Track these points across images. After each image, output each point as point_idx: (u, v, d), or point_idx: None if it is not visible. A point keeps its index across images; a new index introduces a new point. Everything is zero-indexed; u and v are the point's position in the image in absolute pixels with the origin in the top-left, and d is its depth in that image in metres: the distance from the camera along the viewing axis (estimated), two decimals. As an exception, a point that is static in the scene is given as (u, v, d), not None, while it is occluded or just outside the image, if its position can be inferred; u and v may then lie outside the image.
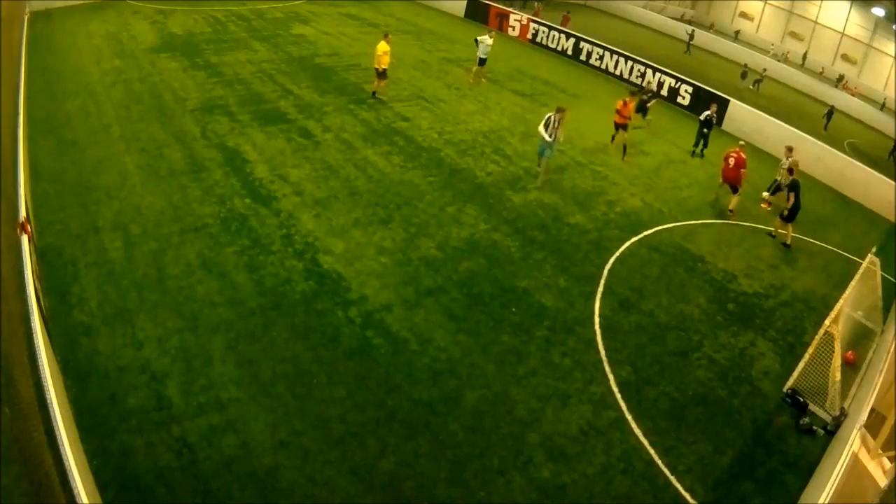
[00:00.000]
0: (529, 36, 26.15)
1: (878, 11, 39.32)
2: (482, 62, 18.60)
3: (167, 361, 6.93)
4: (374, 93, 16.10)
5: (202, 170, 11.11)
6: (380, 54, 15.35)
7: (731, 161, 13.24)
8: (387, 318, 8.27)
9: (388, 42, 15.50)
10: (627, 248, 11.19)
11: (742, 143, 14.46)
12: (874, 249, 10.34)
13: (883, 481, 5.97)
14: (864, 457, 6.31)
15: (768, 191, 14.66)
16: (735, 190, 13.45)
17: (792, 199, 12.14)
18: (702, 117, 16.42)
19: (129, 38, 17.77)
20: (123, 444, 5.90)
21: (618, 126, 15.23)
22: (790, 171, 13.08)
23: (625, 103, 14.92)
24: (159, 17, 20.28)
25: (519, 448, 6.71)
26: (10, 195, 7.28)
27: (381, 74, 15.79)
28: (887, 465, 6.21)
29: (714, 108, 16.58)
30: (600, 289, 9.77)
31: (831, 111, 27.67)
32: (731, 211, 13.51)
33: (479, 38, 18.53)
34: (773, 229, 13.07)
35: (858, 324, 9.58)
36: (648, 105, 17.73)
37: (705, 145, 16.56)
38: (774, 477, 7.08)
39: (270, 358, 7.23)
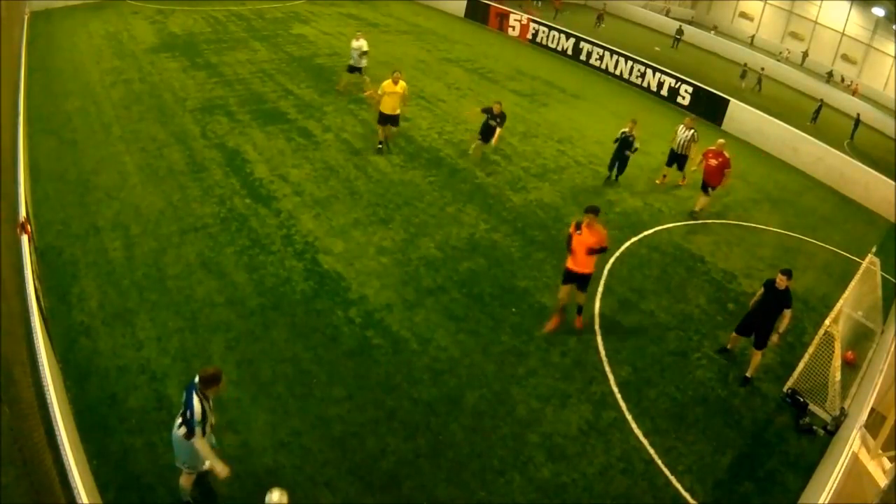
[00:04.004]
0: (529, 36, 26.15)
1: (878, 11, 39.27)
2: (356, 69, 15.40)
3: (167, 361, 6.93)
4: (380, 142, 12.98)
5: (202, 170, 11.11)
6: (380, 94, 12.24)
7: (714, 162, 12.38)
8: (387, 318, 8.27)
9: (395, 81, 12.13)
10: (627, 248, 11.19)
11: (722, 141, 12.85)
12: (874, 249, 10.33)
13: (883, 481, 5.96)
14: (864, 457, 6.31)
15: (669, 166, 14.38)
16: (707, 191, 12.72)
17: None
18: (619, 135, 13.27)
19: (129, 38, 17.77)
20: (123, 444, 5.90)
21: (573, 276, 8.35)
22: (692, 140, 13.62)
23: (577, 226, 8.09)
24: (159, 17, 20.28)
25: (519, 448, 6.71)
26: (10, 195, 7.28)
27: (384, 120, 12.57)
28: (887, 465, 6.21)
29: (632, 125, 13.12)
30: (600, 289, 9.77)
31: (820, 106, 28.03)
32: (698, 211, 12.92)
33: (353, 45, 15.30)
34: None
35: (858, 324, 9.57)
36: (496, 129, 12.77)
37: (621, 170, 13.63)
38: (774, 477, 7.08)
39: (270, 358, 7.23)
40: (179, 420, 5.07)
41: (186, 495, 5.49)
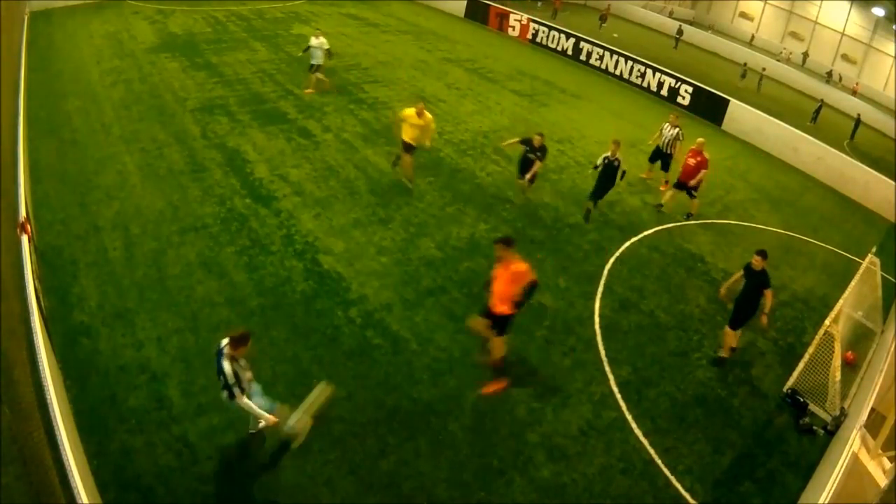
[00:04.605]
0: (529, 36, 26.15)
1: (878, 11, 39.29)
2: (317, 68, 15.26)
3: (167, 361, 6.93)
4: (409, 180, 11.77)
5: (202, 170, 11.11)
6: (400, 119, 11.17)
7: (692, 161, 12.15)
8: (387, 318, 8.27)
9: (419, 114, 10.98)
10: (627, 248, 11.18)
11: (701, 140, 12.49)
12: (874, 249, 10.33)
13: (883, 481, 5.96)
14: (864, 457, 6.30)
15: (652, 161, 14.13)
16: (691, 194, 12.47)
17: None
18: (599, 161, 11.37)
19: (129, 38, 17.78)
20: (123, 444, 5.90)
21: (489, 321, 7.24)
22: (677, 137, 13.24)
23: (499, 259, 6.99)
24: (159, 17, 20.29)
25: (519, 448, 6.71)
26: (10, 195, 7.28)
27: (408, 147, 11.32)
28: (887, 465, 6.21)
29: (615, 147, 11.20)
30: (600, 289, 9.77)
31: (820, 106, 28.02)
32: (694, 213, 12.76)
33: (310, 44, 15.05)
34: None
35: (858, 324, 9.58)
36: (535, 163, 11.37)
37: (600, 196, 11.67)
38: (774, 477, 7.08)
39: (270, 358, 7.23)
40: (221, 389, 5.48)
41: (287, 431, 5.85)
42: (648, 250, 11.28)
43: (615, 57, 23.53)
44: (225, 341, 5.49)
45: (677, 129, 13.44)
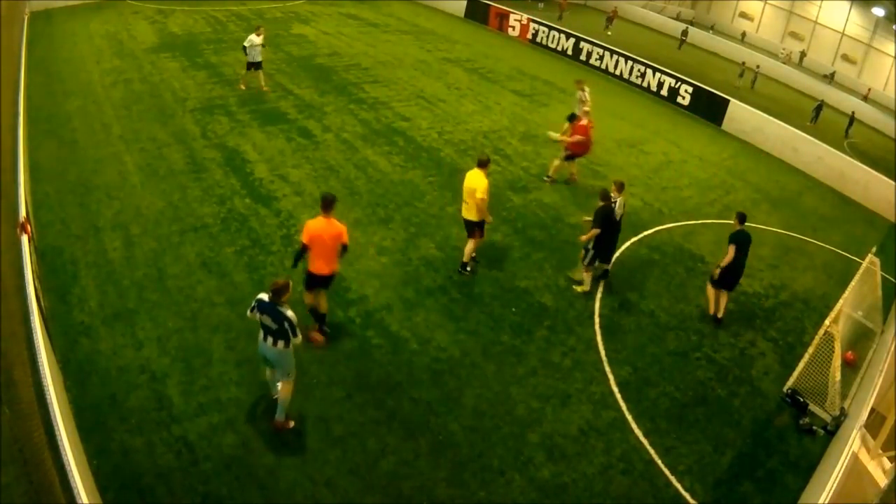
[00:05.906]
0: (529, 36, 26.15)
1: (878, 11, 39.27)
2: (257, 66, 14.70)
3: (167, 361, 6.93)
4: (465, 265, 9.40)
5: (202, 170, 11.11)
6: (472, 188, 8.83)
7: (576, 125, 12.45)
8: (387, 318, 8.27)
9: (486, 171, 8.98)
10: (627, 248, 11.18)
11: (586, 109, 12.85)
12: (874, 249, 10.33)
13: (883, 481, 5.97)
14: (864, 457, 6.31)
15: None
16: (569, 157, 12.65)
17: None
18: (619, 207, 9.25)
19: (129, 38, 17.79)
20: (123, 444, 5.90)
21: None
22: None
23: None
24: (159, 17, 20.30)
25: (519, 448, 6.71)
26: (10, 195, 7.28)
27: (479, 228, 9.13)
28: (887, 465, 6.21)
29: (616, 192, 9.24)
30: (600, 289, 9.77)
31: (821, 105, 27.94)
32: (549, 176, 12.93)
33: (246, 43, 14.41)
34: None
35: (858, 324, 9.58)
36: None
37: (611, 253, 9.73)
38: (774, 477, 7.08)
39: (270, 358, 7.22)
40: (271, 340, 5.88)
41: (287, 405, 6.28)
42: (648, 250, 11.28)
43: (615, 57, 23.51)
44: (266, 296, 5.85)
45: (580, 93, 13.94)
